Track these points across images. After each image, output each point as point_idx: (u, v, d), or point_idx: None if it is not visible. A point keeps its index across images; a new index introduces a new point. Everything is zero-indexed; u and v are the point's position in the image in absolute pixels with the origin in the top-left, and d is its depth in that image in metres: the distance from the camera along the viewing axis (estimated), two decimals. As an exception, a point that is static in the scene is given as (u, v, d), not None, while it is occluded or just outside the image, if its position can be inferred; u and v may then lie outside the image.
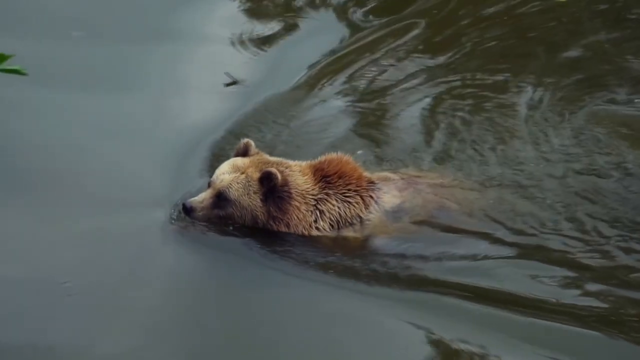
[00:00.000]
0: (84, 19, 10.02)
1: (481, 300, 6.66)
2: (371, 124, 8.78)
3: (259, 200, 7.13)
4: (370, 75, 9.58)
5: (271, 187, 7.12)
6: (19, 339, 6.24)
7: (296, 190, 7.19)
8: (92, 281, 6.74)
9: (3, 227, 7.23)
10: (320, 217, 7.24)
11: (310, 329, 6.51)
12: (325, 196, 7.27)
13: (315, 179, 7.29)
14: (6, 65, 4.81)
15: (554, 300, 6.64)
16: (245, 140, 7.35)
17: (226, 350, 6.29)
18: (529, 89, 9.17)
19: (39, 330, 6.32)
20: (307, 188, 7.24)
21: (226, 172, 7.14)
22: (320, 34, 10.27)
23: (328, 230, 7.26)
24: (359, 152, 8.15)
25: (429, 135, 8.54)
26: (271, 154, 7.57)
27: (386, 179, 7.51)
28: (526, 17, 10.57)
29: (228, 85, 9.13)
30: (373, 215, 7.32)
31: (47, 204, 7.47)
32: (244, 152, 7.32)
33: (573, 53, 9.82)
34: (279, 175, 7.09)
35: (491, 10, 10.67)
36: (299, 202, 7.20)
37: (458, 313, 6.57)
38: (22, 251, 7.00)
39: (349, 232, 7.30)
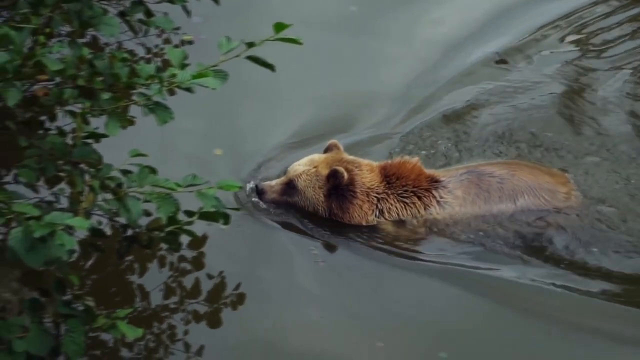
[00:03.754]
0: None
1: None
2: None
3: (322, 195, 7.47)
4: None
5: (336, 185, 7.42)
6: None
7: (361, 189, 7.46)
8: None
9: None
10: (381, 214, 7.49)
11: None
12: (386, 196, 7.51)
13: (380, 178, 7.53)
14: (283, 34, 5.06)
15: None
16: (332, 141, 7.73)
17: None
18: None
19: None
20: (372, 186, 7.49)
21: (302, 164, 7.57)
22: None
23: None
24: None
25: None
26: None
27: (452, 176, 7.59)
28: None
29: (498, 62, 9.63)
30: (432, 214, 7.49)
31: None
32: (328, 151, 7.69)
33: None
34: (345, 175, 7.37)
35: None
36: (362, 201, 7.46)
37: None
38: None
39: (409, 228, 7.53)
